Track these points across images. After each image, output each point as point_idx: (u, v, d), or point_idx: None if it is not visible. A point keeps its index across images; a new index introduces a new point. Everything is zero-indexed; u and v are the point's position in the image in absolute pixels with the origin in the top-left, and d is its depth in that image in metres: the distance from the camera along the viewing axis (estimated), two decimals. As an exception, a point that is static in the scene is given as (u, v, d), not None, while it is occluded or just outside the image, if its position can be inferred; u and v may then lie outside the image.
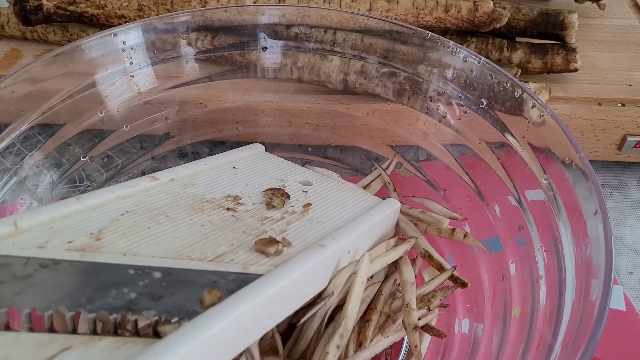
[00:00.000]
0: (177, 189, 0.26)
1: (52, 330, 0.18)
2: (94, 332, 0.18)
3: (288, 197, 0.27)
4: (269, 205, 0.26)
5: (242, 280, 0.20)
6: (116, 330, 0.18)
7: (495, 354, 0.24)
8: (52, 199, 0.29)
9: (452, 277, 0.27)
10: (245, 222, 0.25)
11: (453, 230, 0.28)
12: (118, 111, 0.32)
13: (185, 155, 0.37)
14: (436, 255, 0.28)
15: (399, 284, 0.27)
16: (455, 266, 0.27)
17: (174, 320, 0.18)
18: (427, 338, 0.27)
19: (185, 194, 0.26)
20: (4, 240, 0.21)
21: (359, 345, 0.24)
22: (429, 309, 0.26)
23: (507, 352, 0.23)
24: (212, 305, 0.19)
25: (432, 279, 0.27)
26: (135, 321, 0.18)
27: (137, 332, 0.18)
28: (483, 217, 0.29)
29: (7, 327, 0.18)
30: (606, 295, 0.18)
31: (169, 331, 0.18)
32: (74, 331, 0.18)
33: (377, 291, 0.26)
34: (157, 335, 0.18)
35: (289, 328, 0.25)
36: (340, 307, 0.25)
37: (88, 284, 0.19)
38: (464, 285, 0.27)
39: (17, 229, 0.21)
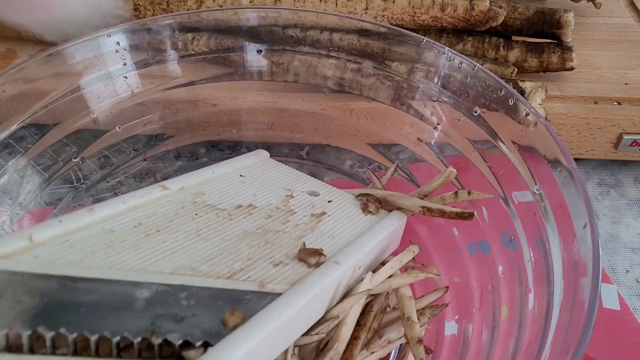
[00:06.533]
0: (187, 199, 0.26)
1: (75, 353, 0.18)
2: (118, 355, 0.18)
3: (296, 210, 0.27)
4: (280, 219, 0.26)
5: (261, 300, 0.20)
6: (140, 353, 0.18)
7: (485, 356, 0.24)
8: (42, 200, 0.29)
9: (456, 213, 0.26)
10: (257, 235, 0.25)
11: (456, 193, 0.27)
12: (111, 112, 0.32)
13: (182, 156, 0.37)
14: (435, 205, 0.27)
15: (387, 296, 0.26)
16: (447, 287, 0.27)
17: (197, 344, 0.18)
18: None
19: (196, 205, 0.26)
20: (22, 255, 0.20)
21: None
22: None
23: (497, 353, 0.23)
24: (236, 327, 0.19)
25: (423, 296, 0.27)
26: (160, 345, 0.18)
27: (161, 356, 0.18)
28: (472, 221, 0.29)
29: (31, 350, 0.17)
30: (595, 295, 0.18)
31: (194, 357, 0.17)
32: (97, 354, 0.18)
33: (367, 306, 0.26)
34: (180, 359, 0.18)
35: None
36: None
37: (109, 304, 0.19)
38: (471, 215, 0.26)
39: (32, 242, 0.21)
